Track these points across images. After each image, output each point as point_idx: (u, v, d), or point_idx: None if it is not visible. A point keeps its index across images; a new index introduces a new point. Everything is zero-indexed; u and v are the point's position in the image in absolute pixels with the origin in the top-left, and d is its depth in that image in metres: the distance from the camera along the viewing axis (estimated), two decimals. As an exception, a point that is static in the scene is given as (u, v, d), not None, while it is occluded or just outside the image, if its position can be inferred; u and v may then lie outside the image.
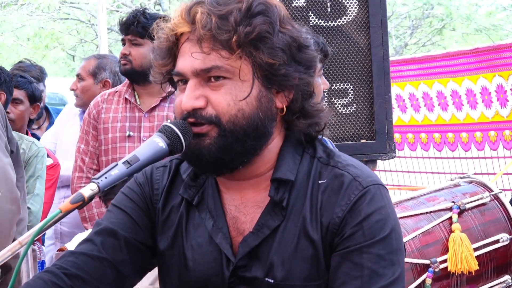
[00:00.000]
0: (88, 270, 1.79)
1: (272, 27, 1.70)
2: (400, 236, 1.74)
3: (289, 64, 1.71)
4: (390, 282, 1.68)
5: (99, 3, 8.00)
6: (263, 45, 1.69)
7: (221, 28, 1.67)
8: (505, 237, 3.15)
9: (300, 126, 1.78)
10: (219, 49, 1.68)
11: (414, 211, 3.13)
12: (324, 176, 1.76)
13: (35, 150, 4.02)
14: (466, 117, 5.96)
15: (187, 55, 1.71)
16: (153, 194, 1.88)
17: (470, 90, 5.88)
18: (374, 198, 1.72)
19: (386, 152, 3.84)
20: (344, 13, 3.83)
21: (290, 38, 1.72)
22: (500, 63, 5.70)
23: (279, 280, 1.73)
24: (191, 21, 1.70)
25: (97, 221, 1.89)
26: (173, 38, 1.74)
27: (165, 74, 1.79)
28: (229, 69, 1.69)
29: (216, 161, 1.71)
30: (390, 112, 3.85)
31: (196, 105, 1.70)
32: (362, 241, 1.69)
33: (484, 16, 17.81)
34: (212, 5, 1.69)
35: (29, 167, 3.99)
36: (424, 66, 6.28)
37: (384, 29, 3.84)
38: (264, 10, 1.71)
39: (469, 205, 3.16)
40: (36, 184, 3.98)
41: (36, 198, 3.95)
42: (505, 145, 5.72)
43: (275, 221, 1.75)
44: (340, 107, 3.86)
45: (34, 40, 17.52)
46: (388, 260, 1.69)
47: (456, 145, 6.07)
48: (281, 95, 1.75)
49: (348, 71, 3.85)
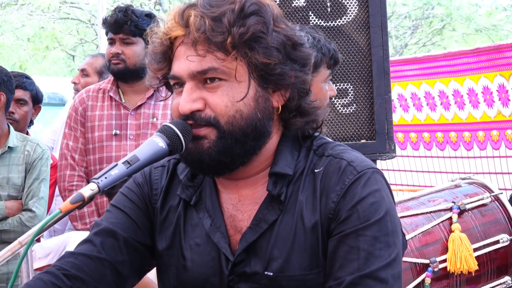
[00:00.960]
0: (88, 271, 1.79)
1: (266, 26, 1.70)
2: (395, 219, 1.74)
3: (285, 63, 1.72)
4: (387, 264, 1.68)
5: (99, 3, 7.99)
6: (257, 45, 1.69)
7: (215, 30, 1.67)
8: (505, 238, 3.15)
9: (297, 124, 1.79)
10: (214, 51, 1.68)
11: (414, 211, 3.13)
12: (320, 165, 1.77)
13: (39, 152, 4.01)
14: (468, 117, 5.96)
15: (182, 59, 1.72)
16: (152, 194, 1.88)
17: (471, 90, 5.88)
18: (368, 182, 1.73)
19: (386, 152, 3.84)
20: (344, 13, 3.83)
21: (284, 37, 1.72)
22: (501, 63, 5.70)
23: (278, 272, 1.73)
24: (185, 25, 1.71)
25: (97, 222, 1.89)
26: (167, 42, 1.74)
27: (161, 78, 1.80)
28: (225, 70, 1.70)
29: (217, 163, 1.72)
30: (390, 112, 3.85)
31: (194, 107, 1.71)
32: (357, 224, 1.69)
33: (484, 16, 17.82)
34: (205, 7, 1.70)
35: (33, 169, 3.97)
36: (426, 66, 6.28)
37: (384, 29, 3.84)
38: (257, 10, 1.71)
39: (469, 206, 3.17)
40: (41, 187, 3.97)
41: (41, 201, 3.94)
42: (507, 144, 5.72)
43: (273, 215, 1.76)
44: (340, 107, 3.85)
45: (34, 40, 17.52)
46: (384, 242, 1.69)
47: (458, 145, 6.07)
48: (277, 94, 1.76)
49: (348, 71, 3.85)
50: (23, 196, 3.94)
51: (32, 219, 3.89)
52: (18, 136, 4.06)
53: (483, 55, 5.81)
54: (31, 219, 3.89)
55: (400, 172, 6.58)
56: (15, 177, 3.96)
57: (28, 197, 3.93)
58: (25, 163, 3.97)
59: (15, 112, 4.32)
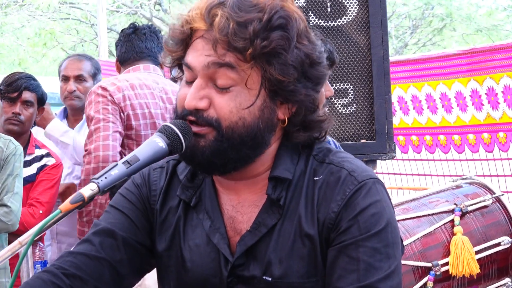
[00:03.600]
0: (87, 270, 1.80)
1: (288, 43, 1.68)
2: (396, 230, 1.74)
3: (299, 81, 1.70)
4: (386, 275, 1.68)
5: (99, 3, 8.01)
6: (276, 60, 1.67)
7: (238, 35, 1.65)
8: (506, 240, 3.15)
9: (300, 138, 1.78)
10: (233, 52, 1.67)
11: (416, 213, 3.12)
12: (320, 173, 1.76)
13: (12, 149, 4.00)
14: (471, 119, 5.94)
15: (199, 52, 1.70)
16: (150, 195, 1.88)
17: (475, 91, 5.86)
18: (369, 192, 1.72)
19: (386, 152, 3.84)
20: (344, 13, 3.83)
21: (304, 55, 1.70)
22: (493, 65, 5.69)
23: (277, 278, 1.73)
24: (210, 22, 1.68)
25: (95, 222, 1.89)
26: (188, 31, 1.72)
27: (175, 59, 1.78)
28: (239, 72, 1.68)
29: (208, 163, 1.71)
30: (390, 112, 3.85)
31: (199, 105, 1.70)
32: (358, 235, 1.69)
33: (484, 16, 17.82)
34: (233, 10, 1.67)
35: (7, 165, 3.97)
36: (426, 67, 6.27)
37: (384, 29, 3.84)
38: (284, 24, 1.68)
39: (471, 208, 3.16)
40: (15, 182, 3.96)
41: (15, 197, 3.93)
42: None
43: (272, 219, 1.75)
44: (340, 107, 3.86)
45: (34, 40, 17.53)
46: (384, 254, 1.69)
47: (463, 147, 6.05)
48: (284, 107, 1.74)
49: (348, 71, 3.85)
50: None
51: (7, 214, 3.89)
52: None
53: (476, 56, 5.80)
54: (6, 214, 3.89)
55: (401, 176, 6.55)
56: None
57: (2, 192, 3.92)
58: None
59: (21, 113, 4.32)
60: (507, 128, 5.74)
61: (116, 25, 17.24)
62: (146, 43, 4.24)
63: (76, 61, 4.78)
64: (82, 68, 4.74)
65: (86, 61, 4.80)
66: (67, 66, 4.74)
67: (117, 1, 16.41)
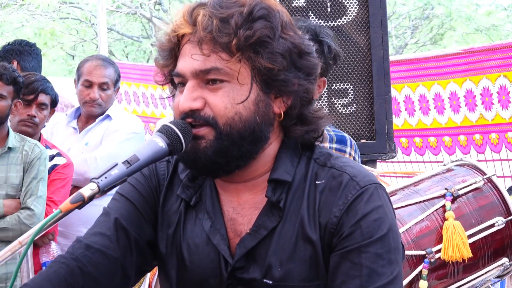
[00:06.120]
0: (102, 270, 1.80)
1: (273, 32, 1.70)
2: (398, 235, 1.74)
3: (289, 70, 1.72)
4: (389, 281, 1.68)
5: (99, 3, 8.00)
6: (262, 49, 1.69)
7: (222, 30, 1.68)
8: (500, 220, 3.09)
9: (297, 133, 1.78)
10: (219, 51, 1.69)
11: (407, 201, 3.08)
12: (321, 177, 1.76)
13: (37, 152, 4.04)
14: (479, 118, 5.91)
15: (187, 56, 1.72)
16: (159, 186, 1.88)
17: (486, 89, 5.84)
18: (371, 198, 1.72)
19: (386, 152, 3.85)
20: (344, 13, 3.83)
21: (291, 44, 1.72)
22: (491, 64, 5.68)
23: (278, 281, 1.73)
24: (193, 23, 1.71)
25: (106, 210, 1.88)
26: (175, 39, 1.75)
27: (167, 75, 1.80)
28: (228, 71, 1.70)
29: (212, 164, 1.72)
30: (390, 112, 3.85)
31: (193, 106, 1.71)
32: (361, 241, 1.69)
33: (484, 16, 17.81)
34: (214, 8, 1.70)
35: (31, 169, 4.00)
36: (427, 66, 6.25)
37: (384, 29, 3.84)
38: (265, 15, 1.71)
39: (462, 191, 3.11)
40: (39, 186, 3.99)
41: (39, 200, 3.97)
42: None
43: (272, 222, 1.75)
44: (340, 107, 3.86)
45: (34, 39, 17.52)
46: (386, 259, 1.69)
47: (469, 148, 6.02)
48: (279, 100, 1.75)
49: (348, 71, 3.86)
50: (21, 195, 3.97)
51: (30, 217, 3.91)
52: (17, 137, 4.09)
53: (474, 56, 5.78)
54: (30, 217, 3.91)
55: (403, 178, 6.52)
56: (13, 176, 3.98)
57: (26, 195, 3.95)
58: (24, 163, 4.01)
59: (36, 116, 4.32)
60: (499, 129, 5.73)
61: (116, 25, 17.24)
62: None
63: (102, 67, 4.62)
64: (108, 75, 4.62)
65: (110, 67, 4.66)
66: (92, 72, 4.59)
67: (117, 1, 16.40)
